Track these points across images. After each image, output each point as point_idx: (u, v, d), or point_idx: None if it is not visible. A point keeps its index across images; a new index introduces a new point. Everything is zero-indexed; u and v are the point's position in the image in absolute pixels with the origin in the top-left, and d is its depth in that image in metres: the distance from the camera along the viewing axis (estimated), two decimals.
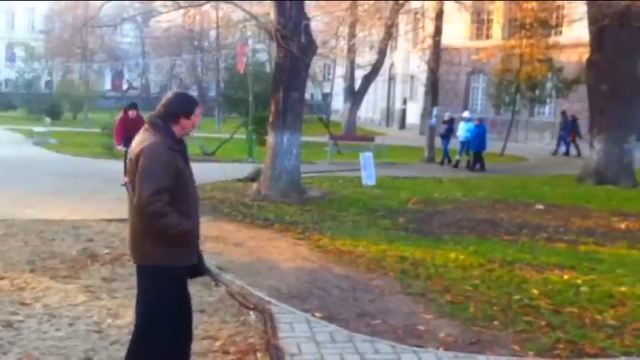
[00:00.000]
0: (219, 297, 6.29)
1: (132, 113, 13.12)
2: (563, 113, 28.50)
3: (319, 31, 25.85)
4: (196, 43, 49.74)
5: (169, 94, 4.07)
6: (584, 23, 19.13)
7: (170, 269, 3.93)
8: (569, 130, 27.87)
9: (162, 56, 50.06)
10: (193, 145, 22.51)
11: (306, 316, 5.75)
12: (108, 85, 63.26)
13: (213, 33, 45.45)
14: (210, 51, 46.00)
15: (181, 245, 3.93)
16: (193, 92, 53.12)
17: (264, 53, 41.60)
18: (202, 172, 15.79)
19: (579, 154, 26.86)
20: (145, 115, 4.38)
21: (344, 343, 5.12)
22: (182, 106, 3.97)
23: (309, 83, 25.95)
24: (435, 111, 23.76)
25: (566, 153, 27.63)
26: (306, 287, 6.76)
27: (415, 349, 5.08)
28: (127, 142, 10.20)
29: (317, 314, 5.84)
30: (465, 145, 21.33)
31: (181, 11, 33.28)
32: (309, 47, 13.23)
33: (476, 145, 20.70)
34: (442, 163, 22.13)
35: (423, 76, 28.96)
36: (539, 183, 17.30)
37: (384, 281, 7.06)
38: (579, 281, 7.20)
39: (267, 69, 36.23)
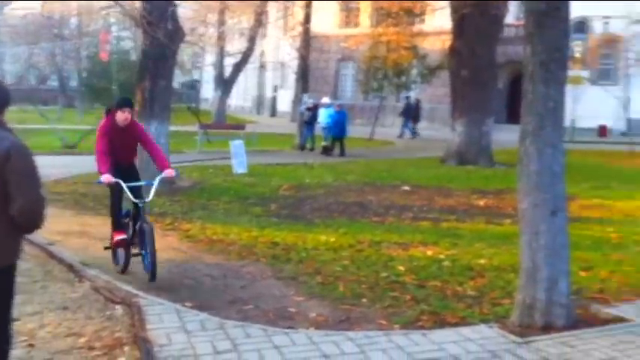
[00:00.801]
0: (83, 293, 6.07)
1: (123, 116, 6.83)
2: (407, 98, 30.37)
3: (187, 18, 25.33)
4: (56, 30, 47.27)
5: None
6: (447, 11, 20.00)
7: None
8: (411, 114, 30.12)
9: (18, 45, 47.15)
10: (54, 138, 21.49)
11: (176, 307, 5.65)
12: None
13: (74, 20, 43.43)
14: (71, 39, 43.90)
15: None
16: (53, 82, 50.64)
17: (129, 41, 40.26)
18: (64, 165, 15.09)
19: (410, 136, 29.63)
20: None
21: (215, 331, 5.08)
22: (7, 97, 3.69)
23: (177, 71, 25.39)
24: (305, 98, 24.02)
25: (405, 134, 29.71)
26: (176, 278, 6.65)
27: (286, 330, 5.13)
28: (119, 170, 6.80)
29: (187, 304, 5.76)
30: (327, 130, 21.72)
31: None
32: (176, 34, 12.94)
33: (337, 130, 21.14)
34: (312, 149, 22.44)
35: (293, 63, 29.17)
36: (405, 165, 17.97)
37: (256, 267, 7.08)
38: (442, 256, 7.55)
39: (133, 57, 35.10)
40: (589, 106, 30.00)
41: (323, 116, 22.00)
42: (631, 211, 11.09)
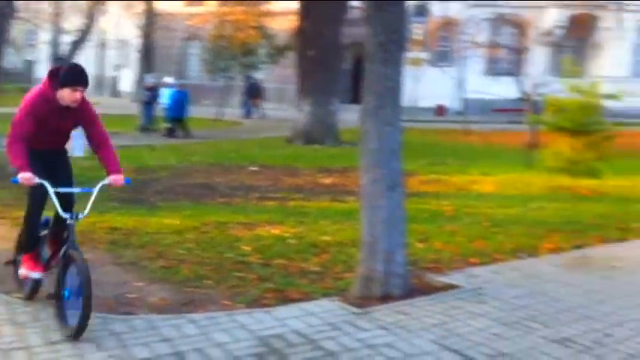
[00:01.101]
0: None
1: (72, 97, 4.84)
2: (247, 78, 30.74)
3: None
4: None
5: None
6: None
7: None
8: (253, 94, 30.51)
9: None
10: None
11: (6, 299, 5.29)
12: None
13: None
14: None
15: None
16: None
17: None
18: None
19: (252, 116, 30.20)
20: None
21: (48, 321, 4.80)
22: None
23: (9, 50, 23.65)
24: (148, 78, 23.31)
25: (247, 115, 30.31)
26: (5, 269, 6.17)
27: (125, 317, 4.96)
28: (42, 162, 4.93)
29: (18, 295, 5.39)
30: (168, 111, 21.24)
31: None
32: (7, 10, 12.05)
33: (176, 110, 20.68)
34: (155, 130, 21.81)
35: (136, 41, 28.18)
36: (252, 145, 17.98)
37: (93, 254, 6.72)
38: (287, 235, 7.62)
39: None
40: (428, 86, 31.60)
41: (165, 96, 21.45)
42: (464, 185, 11.82)
